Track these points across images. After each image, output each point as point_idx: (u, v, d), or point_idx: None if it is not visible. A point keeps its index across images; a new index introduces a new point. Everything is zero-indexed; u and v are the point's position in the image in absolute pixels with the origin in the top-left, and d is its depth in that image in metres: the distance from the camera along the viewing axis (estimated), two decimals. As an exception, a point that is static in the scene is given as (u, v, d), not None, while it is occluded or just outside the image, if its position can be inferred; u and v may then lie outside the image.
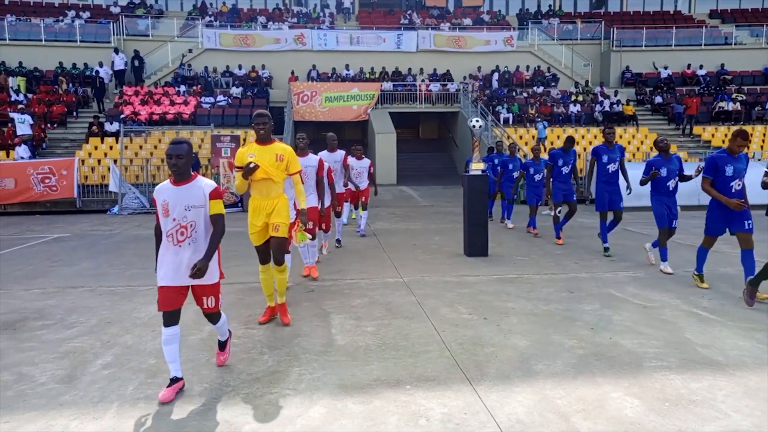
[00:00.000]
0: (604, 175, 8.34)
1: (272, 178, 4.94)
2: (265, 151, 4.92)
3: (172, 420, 3.36)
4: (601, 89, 25.64)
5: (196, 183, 3.72)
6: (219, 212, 3.72)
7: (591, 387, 3.76)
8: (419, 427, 3.24)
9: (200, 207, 3.68)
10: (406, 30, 27.73)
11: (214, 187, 3.73)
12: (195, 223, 3.68)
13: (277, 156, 4.93)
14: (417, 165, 26.14)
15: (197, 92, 22.85)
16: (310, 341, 4.74)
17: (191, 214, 3.67)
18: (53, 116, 20.61)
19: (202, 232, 3.72)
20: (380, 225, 12.07)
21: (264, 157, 4.89)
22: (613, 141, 8.41)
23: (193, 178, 3.73)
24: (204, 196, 3.68)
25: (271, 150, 4.95)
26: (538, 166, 10.90)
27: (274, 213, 5.00)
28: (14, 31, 24.61)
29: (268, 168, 4.89)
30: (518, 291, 6.37)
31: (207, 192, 3.70)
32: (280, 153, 4.95)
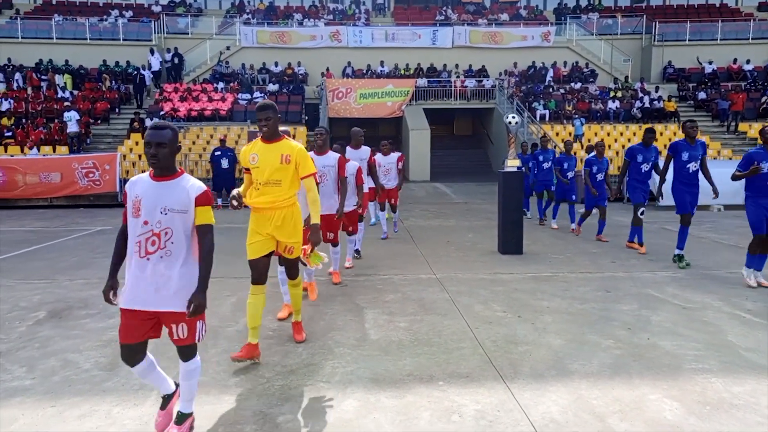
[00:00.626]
0: (684, 175, 7.44)
1: (279, 183, 4.20)
2: (270, 150, 4.19)
3: (208, 409, 3.44)
4: (642, 85, 25.02)
5: (181, 182, 2.96)
6: (207, 222, 2.96)
7: (628, 388, 3.69)
8: (452, 424, 3.24)
9: (181, 212, 2.91)
10: (441, 26, 27.57)
11: (202, 191, 2.96)
12: (171, 232, 2.90)
13: (283, 157, 4.17)
14: (451, 162, 26.00)
15: (234, 89, 23.22)
16: (343, 335, 4.78)
17: (166, 220, 2.90)
18: (97, 112, 21.24)
19: (180, 245, 2.93)
20: (413, 221, 12.07)
21: (268, 159, 4.17)
22: (696, 136, 7.49)
23: (177, 174, 2.99)
24: (188, 200, 2.92)
25: (276, 149, 4.19)
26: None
27: (284, 228, 4.24)
28: (61, 31, 25.42)
29: (272, 171, 4.16)
30: (553, 289, 6.29)
31: (193, 195, 2.92)
32: (287, 153, 4.18)
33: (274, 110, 4.15)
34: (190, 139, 19.60)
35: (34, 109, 20.64)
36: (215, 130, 19.92)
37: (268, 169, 4.16)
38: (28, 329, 4.94)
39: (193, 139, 19.58)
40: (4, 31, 25.29)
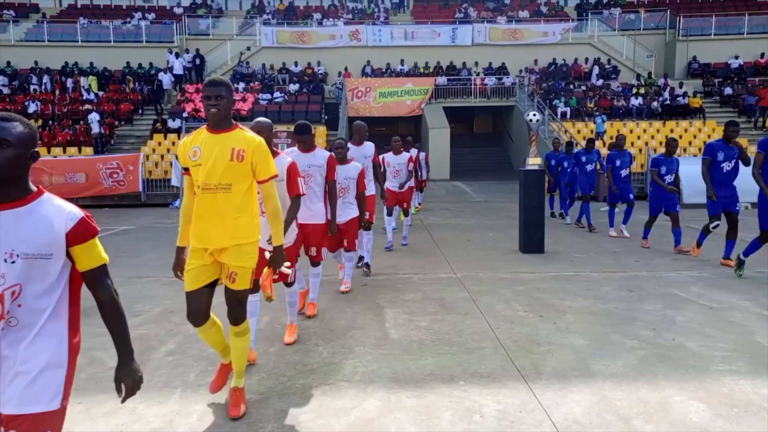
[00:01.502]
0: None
1: (229, 188, 3.14)
2: (218, 143, 3.14)
3: (232, 407, 3.47)
4: (665, 81, 24.61)
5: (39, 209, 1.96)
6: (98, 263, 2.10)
7: (653, 389, 3.63)
8: (473, 424, 3.22)
9: None
10: (461, 24, 27.45)
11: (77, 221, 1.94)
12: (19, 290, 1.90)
13: (235, 152, 3.13)
14: (471, 160, 25.89)
15: (255, 89, 23.40)
16: (364, 334, 4.79)
17: None
18: (121, 114, 21.59)
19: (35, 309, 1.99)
20: (433, 220, 12.04)
21: (214, 154, 3.12)
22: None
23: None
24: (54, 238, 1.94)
25: (225, 141, 3.14)
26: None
27: (230, 248, 3.20)
28: (86, 33, 25.88)
29: (220, 172, 3.12)
30: (576, 289, 6.22)
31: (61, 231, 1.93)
32: (240, 147, 3.14)
33: (228, 89, 3.14)
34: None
35: (60, 111, 21.05)
36: (236, 130, 20.09)
37: (213, 168, 3.12)
38: (55, 327, 5.05)
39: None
40: (32, 35, 25.84)
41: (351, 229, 5.92)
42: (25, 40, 25.72)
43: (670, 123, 21.86)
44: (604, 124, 21.07)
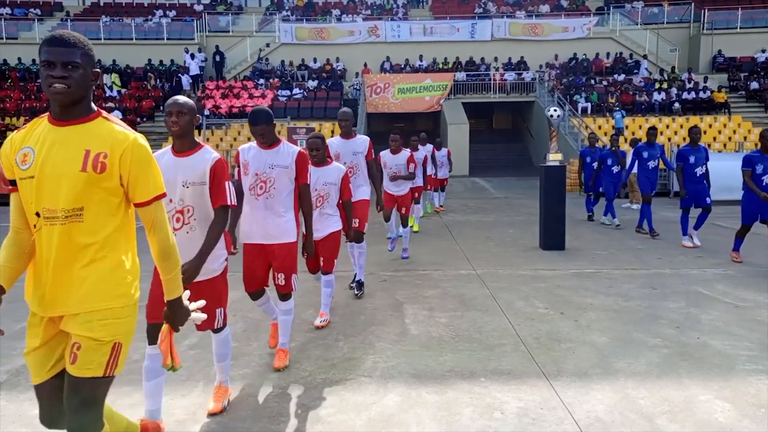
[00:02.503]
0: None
1: (79, 215, 2.04)
2: (66, 140, 2.04)
3: (252, 401, 3.50)
4: (689, 75, 24.19)
5: None
6: None
7: (677, 388, 3.59)
8: (494, 420, 3.21)
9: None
10: (480, 19, 27.26)
11: None
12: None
13: (90, 157, 2.03)
14: (490, 156, 25.74)
15: (274, 86, 23.52)
16: (384, 330, 4.80)
17: None
18: (143, 110, 21.87)
19: None
20: (452, 216, 12.00)
21: (58, 157, 2.01)
22: None
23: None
24: None
25: (79, 139, 2.04)
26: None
27: (81, 315, 2.09)
28: (108, 31, 26.23)
29: (66, 189, 2.01)
30: (597, 286, 6.16)
31: None
32: (102, 151, 2.04)
33: (86, 54, 2.06)
34: (231, 135, 19.96)
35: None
36: (256, 127, 20.21)
37: (54, 183, 2.02)
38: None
39: (234, 135, 19.94)
40: (55, 33, 26.23)
41: (329, 245, 4.82)
42: (50, 38, 26.11)
43: (694, 118, 21.50)
44: (623, 120, 20.79)
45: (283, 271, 3.86)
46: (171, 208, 3.01)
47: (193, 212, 3.05)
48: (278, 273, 3.88)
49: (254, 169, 3.83)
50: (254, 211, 3.85)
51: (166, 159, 3.07)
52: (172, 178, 2.98)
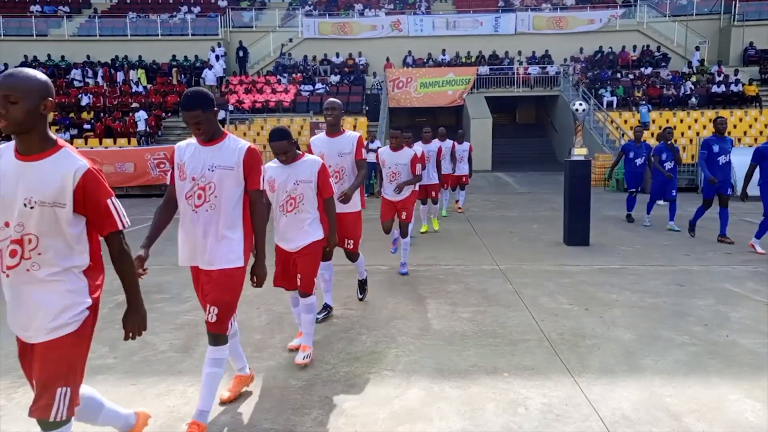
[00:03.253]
0: None
1: None
2: None
3: (277, 393, 3.54)
4: (719, 68, 23.63)
5: None
6: None
7: (705, 387, 3.52)
8: (518, 416, 3.20)
9: None
10: (504, 12, 26.98)
11: None
12: None
13: None
14: (513, 151, 25.51)
15: (297, 80, 23.61)
16: (406, 324, 4.80)
17: None
18: (168, 106, 22.15)
19: None
20: (475, 211, 11.93)
21: None
22: None
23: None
24: None
25: None
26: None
27: None
28: (134, 28, 26.60)
29: None
30: (622, 282, 6.07)
31: None
32: None
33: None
34: (254, 130, 20.11)
35: (111, 104, 21.74)
36: (278, 122, 20.34)
37: None
38: (109, 311, 5.22)
39: (257, 130, 20.08)
40: (84, 30, 26.72)
41: (307, 259, 3.91)
42: (78, 35, 26.61)
43: (724, 112, 21.00)
44: (648, 114, 20.40)
45: (216, 305, 3.00)
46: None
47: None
48: (210, 306, 3.00)
49: (191, 172, 3.02)
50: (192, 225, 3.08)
51: None
52: None
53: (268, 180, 3.83)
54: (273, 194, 3.93)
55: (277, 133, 3.72)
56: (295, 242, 3.92)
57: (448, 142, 10.25)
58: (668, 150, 9.37)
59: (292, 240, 3.93)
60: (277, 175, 3.88)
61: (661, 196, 9.52)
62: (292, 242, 3.93)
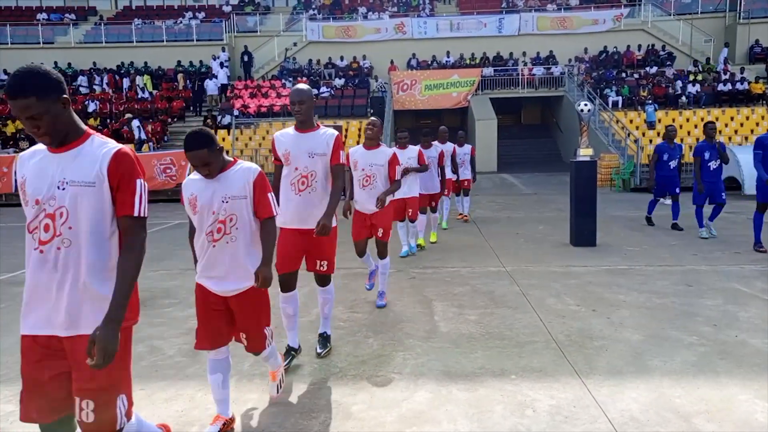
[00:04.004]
0: None
1: None
2: None
3: (284, 396, 3.54)
4: (725, 66, 23.52)
5: None
6: None
7: (715, 387, 3.50)
8: (526, 418, 3.19)
9: None
10: (507, 13, 26.99)
11: None
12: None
13: None
14: (519, 152, 25.49)
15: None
16: (413, 327, 4.80)
17: None
18: (174, 111, 22.26)
19: None
20: (481, 213, 11.92)
21: None
22: None
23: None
24: None
25: None
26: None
27: None
28: (140, 34, 26.77)
29: None
30: (630, 283, 6.05)
31: None
32: None
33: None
34: (260, 134, 20.18)
35: (117, 110, 21.87)
36: (284, 125, 20.39)
37: None
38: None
39: (262, 134, 20.15)
40: (90, 37, 26.93)
41: (249, 311, 3.05)
42: (84, 42, 26.81)
43: (731, 111, 20.93)
44: (655, 113, 20.33)
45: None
46: None
47: None
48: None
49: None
50: None
51: None
52: None
53: (189, 198, 2.94)
54: (195, 217, 2.96)
55: (193, 140, 2.78)
56: (228, 284, 2.97)
57: (449, 145, 9.39)
58: (712, 148, 8.39)
59: (223, 280, 2.96)
60: (199, 192, 2.92)
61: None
62: (223, 283, 2.97)
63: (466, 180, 10.47)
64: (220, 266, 2.94)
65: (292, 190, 3.85)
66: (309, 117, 3.83)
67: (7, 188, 16.80)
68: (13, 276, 7.13)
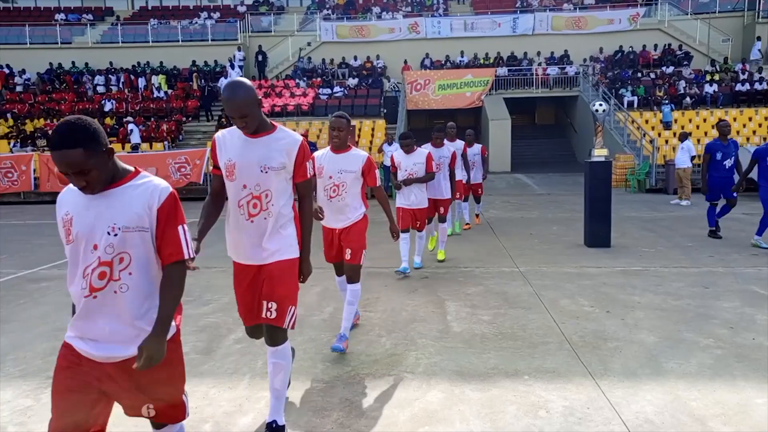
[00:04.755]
0: None
1: None
2: None
3: (297, 395, 3.56)
4: (743, 66, 23.21)
5: None
6: None
7: (731, 390, 3.46)
8: (539, 419, 3.18)
9: None
10: (522, 13, 26.85)
11: None
12: None
13: None
14: (533, 152, 25.36)
15: (315, 84, 23.74)
16: (426, 327, 4.80)
17: None
18: (188, 110, 22.43)
19: None
20: (494, 213, 11.88)
21: None
22: None
23: None
24: None
25: None
26: (727, 149, 8.40)
27: None
28: (156, 34, 27.00)
29: None
30: (645, 284, 5.99)
31: None
32: None
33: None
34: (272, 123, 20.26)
35: (133, 109, 22.09)
36: (297, 125, 20.48)
37: None
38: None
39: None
40: (107, 37, 27.21)
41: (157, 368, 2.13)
42: (101, 41, 27.11)
43: (749, 111, 20.65)
44: (671, 113, 20.11)
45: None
46: None
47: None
48: None
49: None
50: None
51: None
52: None
53: (62, 218, 2.12)
54: (68, 248, 2.10)
55: (61, 135, 1.94)
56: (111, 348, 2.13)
57: (459, 143, 8.58)
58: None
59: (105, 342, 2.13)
60: (76, 213, 2.09)
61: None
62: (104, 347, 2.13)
63: (477, 185, 9.87)
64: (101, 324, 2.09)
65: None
66: (253, 121, 2.91)
67: (26, 186, 17.06)
68: (31, 273, 7.24)
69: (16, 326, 4.97)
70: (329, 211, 4.31)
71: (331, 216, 4.35)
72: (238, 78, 2.81)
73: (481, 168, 9.93)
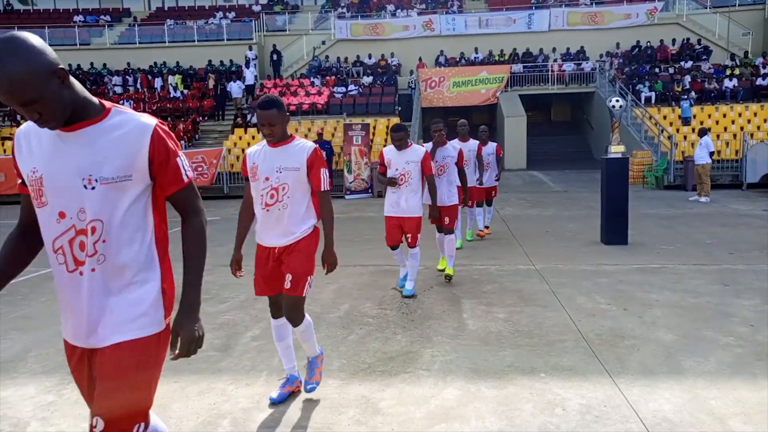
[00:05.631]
0: None
1: None
2: None
3: (313, 392, 3.58)
4: (764, 60, 22.81)
5: None
6: None
7: (752, 389, 3.42)
8: (555, 416, 3.17)
9: None
10: (537, 9, 26.64)
11: None
12: None
13: None
14: (548, 149, 25.18)
15: (330, 83, 23.80)
16: (441, 324, 4.80)
17: None
18: (204, 110, 22.61)
19: None
20: (510, 211, 11.82)
21: None
22: None
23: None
24: None
25: None
26: None
27: None
28: (172, 34, 27.25)
29: None
30: (663, 282, 5.93)
31: None
32: None
33: None
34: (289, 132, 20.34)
35: (150, 109, 22.32)
36: (312, 124, 20.54)
37: None
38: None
39: (291, 132, 20.30)
40: (124, 38, 27.53)
41: None
42: (119, 43, 27.43)
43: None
44: (690, 109, 19.84)
45: None
46: None
47: None
48: None
49: None
50: None
51: None
52: None
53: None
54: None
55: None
56: None
57: (472, 142, 7.88)
58: None
59: None
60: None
61: None
62: None
63: (492, 188, 8.87)
64: None
65: None
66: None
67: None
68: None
69: (37, 323, 5.06)
70: (266, 223, 3.36)
71: (269, 230, 3.35)
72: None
73: (495, 169, 8.79)
